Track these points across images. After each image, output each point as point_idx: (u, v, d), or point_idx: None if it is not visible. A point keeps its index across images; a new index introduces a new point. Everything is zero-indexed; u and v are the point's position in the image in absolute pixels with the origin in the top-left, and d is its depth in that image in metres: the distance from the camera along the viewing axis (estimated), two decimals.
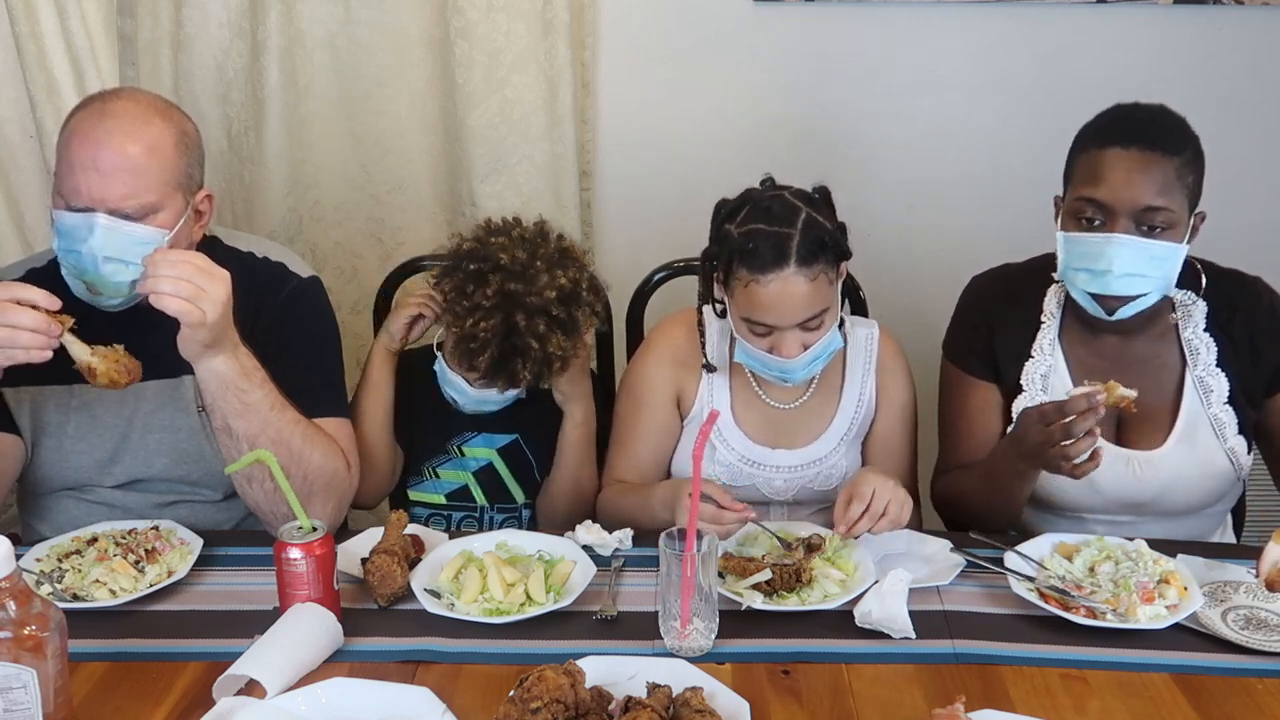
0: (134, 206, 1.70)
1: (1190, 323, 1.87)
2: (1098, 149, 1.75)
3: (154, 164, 1.71)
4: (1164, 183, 1.71)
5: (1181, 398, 1.86)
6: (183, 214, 1.77)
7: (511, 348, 1.89)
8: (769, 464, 1.98)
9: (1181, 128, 1.78)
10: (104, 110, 1.72)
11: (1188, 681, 1.47)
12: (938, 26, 2.63)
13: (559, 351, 1.90)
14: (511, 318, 1.88)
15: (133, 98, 1.77)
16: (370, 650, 1.55)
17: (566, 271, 1.93)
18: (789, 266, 1.75)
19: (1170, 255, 1.73)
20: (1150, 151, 1.71)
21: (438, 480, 2.14)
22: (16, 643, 1.27)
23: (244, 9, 2.54)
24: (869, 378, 1.99)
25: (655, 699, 1.35)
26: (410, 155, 2.67)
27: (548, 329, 1.89)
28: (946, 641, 1.56)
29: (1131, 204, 1.71)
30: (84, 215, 1.69)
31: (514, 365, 1.90)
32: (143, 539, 1.76)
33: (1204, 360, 1.86)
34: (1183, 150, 1.73)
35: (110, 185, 1.68)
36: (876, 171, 2.71)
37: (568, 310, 1.92)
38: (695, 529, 1.52)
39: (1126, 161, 1.71)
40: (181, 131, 1.78)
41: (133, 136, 1.70)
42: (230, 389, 1.71)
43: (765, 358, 1.84)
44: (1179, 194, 1.72)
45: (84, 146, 1.69)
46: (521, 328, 1.87)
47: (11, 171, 2.61)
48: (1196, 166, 1.75)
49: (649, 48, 2.66)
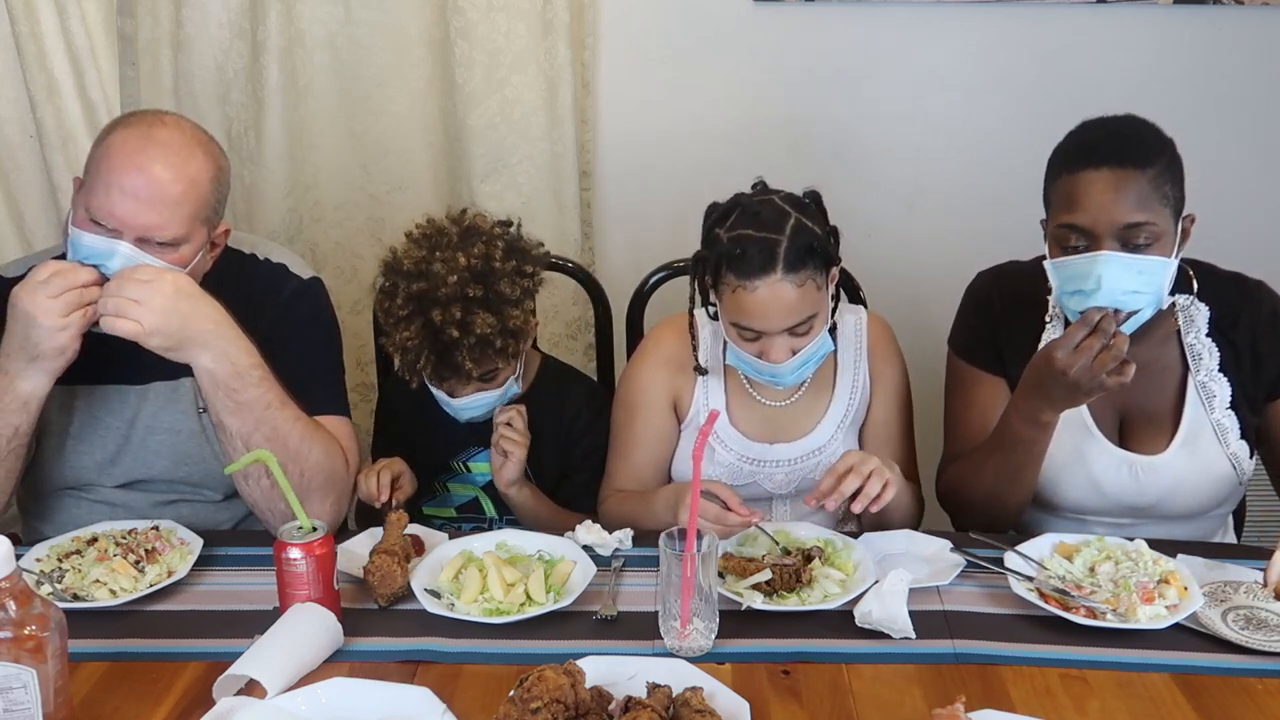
0: (163, 237, 1.71)
1: (1193, 327, 1.86)
2: (1070, 174, 1.73)
3: (190, 198, 1.71)
4: (1140, 197, 1.68)
5: (1184, 403, 1.85)
6: (202, 247, 1.78)
7: (441, 345, 1.87)
8: (769, 459, 1.98)
9: (1151, 137, 1.74)
10: (150, 136, 1.71)
11: (1188, 681, 1.47)
12: (938, 26, 2.63)
13: (489, 330, 1.87)
14: (427, 316, 1.86)
15: (178, 126, 1.76)
16: (370, 650, 1.55)
17: (470, 250, 1.90)
18: (776, 272, 1.75)
19: (1159, 269, 1.71)
20: (1122, 168, 1.68)
21: (448, 494, 2.14)
22: (16, 643, 1.27)
23: (244, 9, 2.54)
24: (861, 363, 2.00)
25: (655, 699, 1.35)
26: (410, 155, 2.67)
27: (466, 313, 1.86)
28: (946, 641, 1.56)
29: (1111, 224, 1.68)
30: (107, 241, 1.69)
31: (454, 359, 1.88)
32: (143, 539, 1.76)
33: (1206, 365, 1.85)
34: (1155, 160, 1.70)
35: (144, 214, 1.68)
36: (876, 171, 2.71)
37: (485, 287, 1.89)
38: (695, 529, 1.52)
39: (1100, 183, 1.69)
40: (219, 167, 1.78)
41: (175, 168, 1.70)
42: (220, 387, 1.71)
43: (755, 362, 1.85)
44: (1158, 205, 1.69)
45: (125, 170, 1.68)
46: (439, 323, 1.86)
47: (11, 171, 2.61)
48: (1173, 172, 1.72)
49: (649, 48, 2.66)
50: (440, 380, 1.95)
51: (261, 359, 1.76)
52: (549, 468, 2.12)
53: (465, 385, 1.96)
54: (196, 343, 1.68)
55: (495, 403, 2.03)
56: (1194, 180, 1.79)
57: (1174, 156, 1.74)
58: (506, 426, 1.98)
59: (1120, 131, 1.75)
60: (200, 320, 1.69)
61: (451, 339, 1.86)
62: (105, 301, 1.64)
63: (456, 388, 1.98)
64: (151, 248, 1.71)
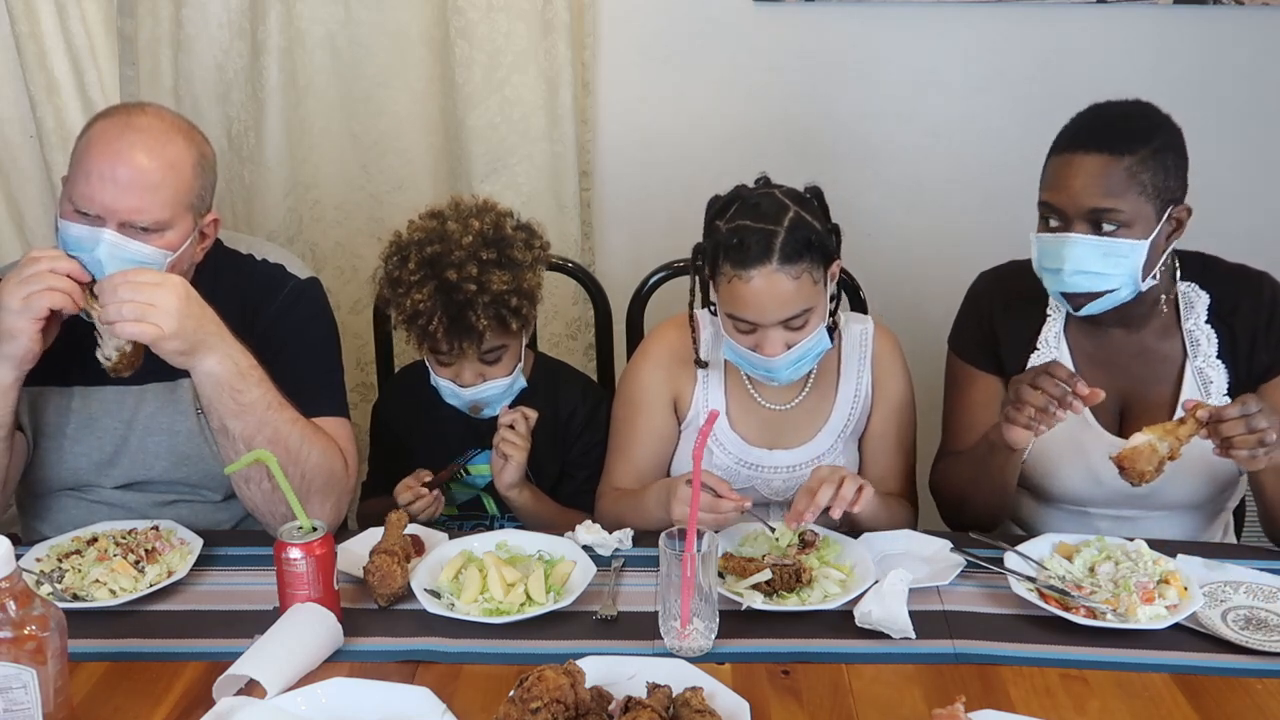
0: (145, 221, 1.70)
1: (1192, 314, 1.88)
2: (1057, 154, 1.79)
3: (170, 181, 1.71)
4: (1110, 184, 1.72)
5: (1181, 389, 1.86)
6: (189, 235, 1.77)
7: (456, 304, 1.87)
8: (767, 465, 1.98)
9: (1143, 123, 1.78)
10: (128, 123, 1.72)
11: (1188, 681, 1.47)
12: (938, 26, 2.63)
13: (505, 287, 1.88)
14: (441, 278, 1.87)
15: (158, 114, 1.77)
16: (370, 650, 1.55)
17: (483, 218, 1.93)
18: (772, 263, 1.75)
19: (1129, 252, 1.75)
20: (1099, 154, 1.73)
21: (449, 493, 2.14)
22: (16, 643, 1.27)
23: (244, 9, 2.54)
24: (864, 374, 1.99)
25: (655, 699, 1.35)
26: (410, 155, 2.67)
27: (482, 270, 1.87)
28: (946, 641, 1.56)
29: (1079, 207, 1.74)
30: (91, 229, 1.69)
31: (467, 319, 1.87)
32: (143, 539, 1.76)
33: (1204, 351, 1.87)
34: (1136, 148, 1.73)
35: (124, 197, 1.68)
36: (876, 171, 2.71)
37: (498, 250, 1.90)
38: (695, 529, 1.52)
39: (1075, 166, 1.74)
40: (201, 154, 1.78)
41: (154, 152, 1.70)
42: (225, 389, 1.71)
43: (750, 355, 1.84)
44: (1132, 193, 1.72)
45: (104, 156, 1.68)
46: (455, 280, 1.86)
47: (11, 172, 2.61)
48: (1159, 161, 1.74)
49: (649, 48, 2.66)
50: (451, 343, 1.91)
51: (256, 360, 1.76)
52: (547, 466, 2.12)
53: (475, 352, 1.93)
54: (206, 345, 1.68)
55: (502, 395, 2.02)
56: (1194, 180, 1.80)
57: (1166, 146, 1.76)
58: (509, 429, 1.98)
59: (1110, 117, 1.79)
60: (207, 323, 1.69)
61: (466, 297, 1.86)
62: (120, 306, 1.62)
63: (464, 368, 1.96)
64: (135, 233, 1.70)
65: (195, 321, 1.66)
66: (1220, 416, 1.63)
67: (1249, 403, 1.63)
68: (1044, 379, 1.68)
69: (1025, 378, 1.72)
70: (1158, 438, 1.66)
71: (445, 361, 1.98)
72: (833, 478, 1.73)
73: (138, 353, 1.70)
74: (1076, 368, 1.89)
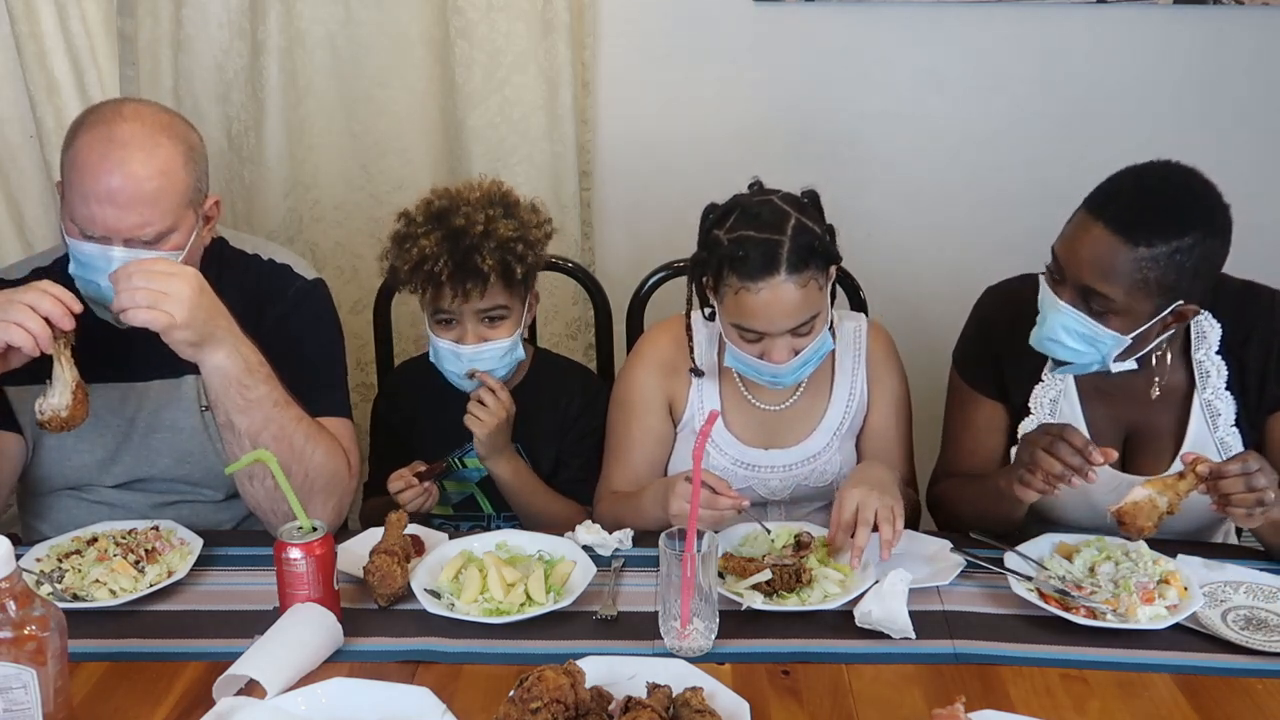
0: (150, 234, 1.70)
1: (1204, 344, 1.82)
2: (1084, 209, 1.69)
3: (167, 188, 1.70)
4: (1110, 270, 1.63)
5: (1188, 421, 1.82)
6: (194, 228, 1.77)
7: (462, 249, 1.90)
8: (763, 465, 1.98)
9: (1178, 219, 1.64)
10: (111, 137, 1.68)
11: (1188, 682, 1.47)
12: (938, 26, 2.63)
13: (511, 234, 1.92)
14: (449, 222, 1.92)
15: (137, 116, 1.72)
16: (370, 650, 1.55)
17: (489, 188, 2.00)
18: (780, 274, 1.74)
19: (1101, 339, 1.69)
20: (1115, 235, 1.63)
21: (444, 492, 2.14)
22: (16, 643, 1.27)
23: (244, 9, 2.54)
24: (859, 371, 1.99)
25: (655, 699, 1.35)
26: (410, 155, 2.67)
27: (489, 219, 1.92)
28: (946, 641, 1.56)
29: (1075, 276, 1.67)
30: (100, 247, 1.69)
31: (473, 261, 1.89)
32: (143, 539, 1.76)
33: (1213, 383, 1.82)
34: (1156, 243, 1.61)
35: (125, 217, 1.68)
36: (876, 171, 2.71)
37: (504, 208, 1.96)
38: (695, 529, 1.52)
39: (1088, 234, 1.65)
40: (188, 146, 1.76)
41: (144, 164, 1.68)
42: (233, 384, 1.71)
43: (756, 363, 1.84)
44: (1131, 286, 1.63)
45: (96, 178, 1.66)
46: (462, 226, 1.91)
47: (11, 171, 2.61)
48: (1176, 262, 1.62)
49: (649, 48, 2.66)
50: (456, 284, 1.91)
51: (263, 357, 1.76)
52: (546, 456, 2.12)
53: (479, 297, 1.92)
54: (215, 338, 1.68)
55: (501, 360, 2.00)
56: None
57: (1195, 245, 1.63)
58: (478, 404, 1.99)
59: (1150, 198, 1.67)
60: (218, 316, 1.69)
61: (473, 240, 1.89)
62: (133, 294, 1.61)
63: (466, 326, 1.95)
64: (142, 244, 1.70)
65: (207, 313, 1.66)
66: (1220, 473, 1.59)
67: (1249, 460, 1.58)
68: (1061, 447, 1.62)
69: (1041, 441, 1.64)
70: (1157, 492, 1.63)
71: (447, 318, 1.98)
72: (865, 515, 1.68)
73: (73, 417, 1.67)
74: (1082, 400, 1.85)
